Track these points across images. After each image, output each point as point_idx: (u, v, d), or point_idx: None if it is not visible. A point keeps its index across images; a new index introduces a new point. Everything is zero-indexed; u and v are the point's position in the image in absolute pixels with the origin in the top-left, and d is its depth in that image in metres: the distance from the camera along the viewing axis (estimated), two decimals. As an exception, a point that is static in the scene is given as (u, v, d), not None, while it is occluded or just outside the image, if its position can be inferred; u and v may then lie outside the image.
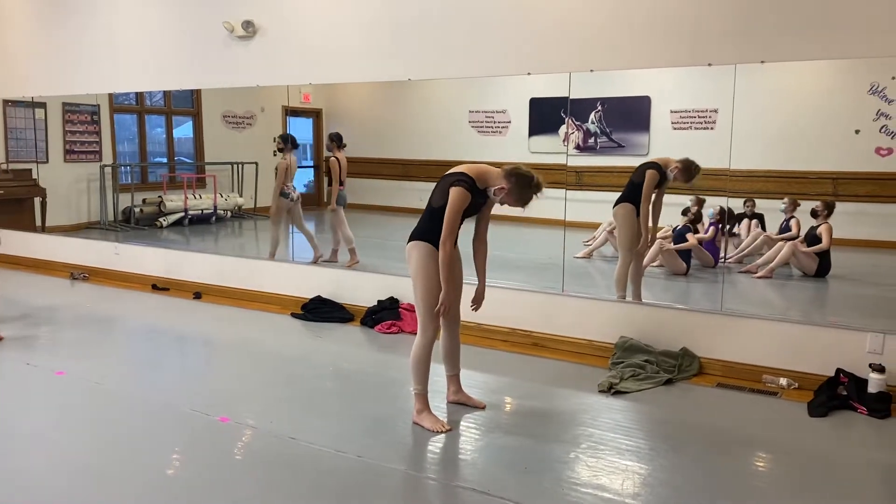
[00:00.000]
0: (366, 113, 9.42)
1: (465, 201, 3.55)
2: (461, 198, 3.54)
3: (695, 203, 6.48)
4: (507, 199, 3.63)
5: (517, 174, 3.57)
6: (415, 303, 3.79)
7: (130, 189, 9.04)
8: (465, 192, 3.54)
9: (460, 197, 3.53)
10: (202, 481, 3.16)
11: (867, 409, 4.01)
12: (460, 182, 3.56)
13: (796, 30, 4.29)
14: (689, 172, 5.23)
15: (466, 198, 3.55)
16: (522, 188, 3.58)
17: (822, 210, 5.80)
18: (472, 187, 3.57)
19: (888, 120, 5.17)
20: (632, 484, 3.18)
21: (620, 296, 5.26)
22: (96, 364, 4.80)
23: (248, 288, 6.78)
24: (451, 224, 3.57)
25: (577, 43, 4.99)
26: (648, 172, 5.21)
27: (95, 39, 7.49)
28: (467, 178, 3.58)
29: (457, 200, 3.53)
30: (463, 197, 3.53)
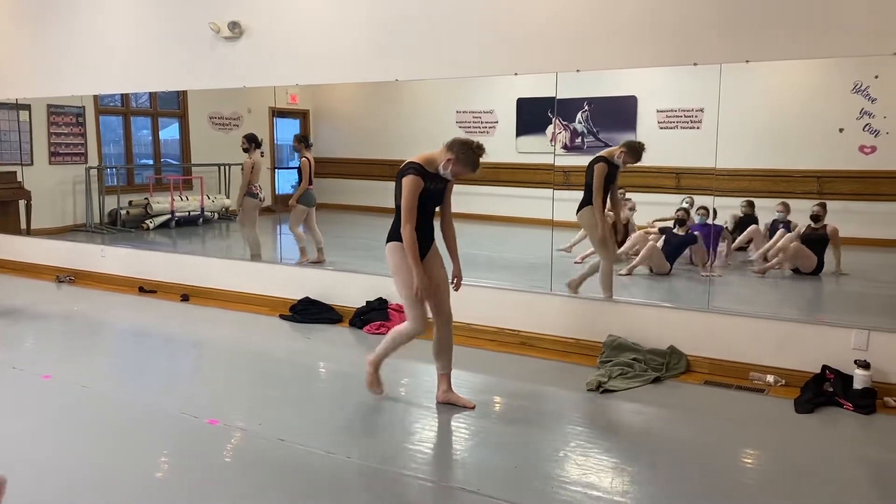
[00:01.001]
0: (353, 114, 9.41)
1: (416, 186, 3.73)
2: (412, 183, 3.72)
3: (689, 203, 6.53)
4: (457, 169, 3.79)
5: (458, 142, 3.78)
6: (400, 297, 3.97)
7: (116, 191, 8.98)
8: (414, 177, 3.72)
9: (411, 182, 3.72)
10: (191, 484, 3.15)
11: (853, 405, 4.04)
12: (409, 170, 3.75)
13: (781, 29, 4.33)
14: (635, 152, 5.30)
15: (418, 182, 3.73)
16: (466, 152, 3.75)
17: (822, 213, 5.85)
18: (422, 172, 3.76)
19: (871, 118, 5.22)
20: (621, 482, 3.20)
21: (608, 296, 5.28)
22: (83, 368, 4.77)
23: (235, 290, 6.75)
24: (407, 209, 3.74)
25: (563, 43, 5.01)
26: (597, 166, 5.28)
27: (80, 41, 7.45)
28: (415, 164, 3.78)
29: (408, 186, 3.72)
30: (414, 182, 3.72)
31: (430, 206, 3.91)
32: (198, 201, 9.48)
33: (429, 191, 3.81)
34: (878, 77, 5.04)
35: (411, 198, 3.73)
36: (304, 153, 7.27)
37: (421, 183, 3.74)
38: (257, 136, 7.37)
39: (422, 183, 3.74)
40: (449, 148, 3.78)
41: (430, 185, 3.81)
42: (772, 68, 4.87)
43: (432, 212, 3.96)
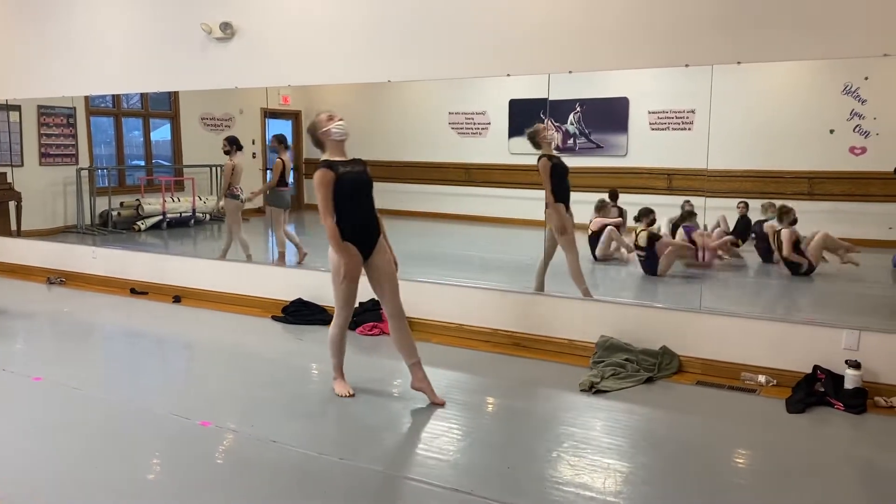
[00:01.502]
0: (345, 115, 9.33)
1: (324, 178, 3.90)
2: (319, 176, 3.91)
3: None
4: (326, 133, 4.05)
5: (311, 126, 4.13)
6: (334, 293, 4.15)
7: (108, 192, 8.94)
8: (321, 171, 3.92)
9: (318, 177, 3.91)
10: (183, 486, 3.14)
11: (844, 405, 4.06)
12: (317, 168, 3.96)
13: (772, 31, 4.35)
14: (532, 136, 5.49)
15: (325, 174, 3.90)
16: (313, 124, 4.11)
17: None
18: (329, 163, 3.95)
19: (862, 120, 5.25)
20: (613, 482, 3.20)
21: (583, 290, 5.31)
22: (74, 369, 4.75)
23: (227, 291, 6.73)
24: (321, 204, 3.93)
25: (555, 44, 5.02)
26: (540, 164, 5.43)
27: (72, 41, 7.41)
28: (321, 161, 4.01)
29: (317, 182, 3.92)
30: (321, 175, 3.90)
31: (358, 193, 4.03)
32: (189, 202, 9.45)
33: (346, 175, 3.95)
34: (868, 79, 5.07)
35: (320, 189, 3.91)
36: (281, 154, 7.31)
37: (329, 173, 3.90)
38: (238, 139, 7.48)
39: (329, 172, 3.90)
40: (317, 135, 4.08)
41: (344, 168, 3.97)
42: (763, 70, 4.89)
43: (364, 201, 4.07)
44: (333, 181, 3.89)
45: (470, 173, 8.36)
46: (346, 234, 3.94)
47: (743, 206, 6.40)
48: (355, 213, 3.98)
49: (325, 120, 4.07)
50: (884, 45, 4.07)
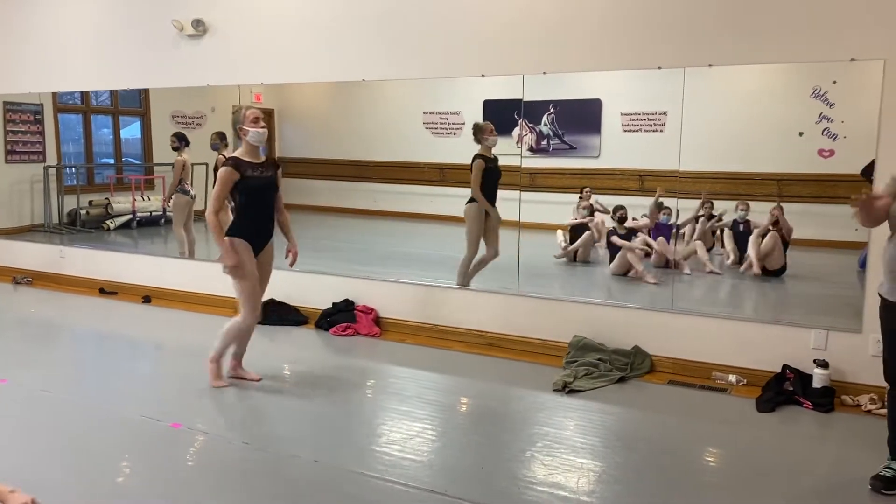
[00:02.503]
0: (319, 113, 9.34)
1: (227, 176, 4.04)
2: (223, 174, 4.06)
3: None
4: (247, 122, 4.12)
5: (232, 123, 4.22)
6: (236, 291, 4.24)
7: (76, 191, 8.78)
8: (227, 169, 4.05)
9: (223, 174, 4.06)
10: (154, 489, 3.09)
11: (812, 404, 4.13)
12: (225, 164, 4.10)
13: (743, 35, 4.40)
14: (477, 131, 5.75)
15: (230, 173, 4.04)
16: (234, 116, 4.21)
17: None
18: (236, 163, 4.08)
19: (830, 123, 5.33)
20: (586, 481, 3.22)
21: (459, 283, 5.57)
22: (42, 371, 4.66)
23: (198, 291, 6.66)
24: (213, 198, 4.12)
25: (530, 45, 5.03)
26: (474, 164, 5.68)
27: (38, 36, 7.28)
28: (231, 157, 4.14)
29: (220, 178, 4.06)
30: (225, 173, 4.05)
31: (263, 196, 4.20)
32: (160, 201, 9.32)
33: (253, 179, 4.10)
34: (836, 82, 5.14)
35: (219, 187, 4.07)
36: (223, 151, 7.28)
37: (234, 174, 4.04)
38: (186, 135, 7.56)
39: (235, 174, 4.04)
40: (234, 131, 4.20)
41: (253, 172, 4.10)
42: (734, 72, 4.95)
43: (267, 203, 4.24)
44: (235, 182, 4.07)
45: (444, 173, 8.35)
46: (243, 230, 4.16)
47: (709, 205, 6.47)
48: (253, 214, 4.19)
49: (249, 118, 4.14)
50: (851, 50, 4.14)
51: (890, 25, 4.05)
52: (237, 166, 4.07)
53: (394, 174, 8.68)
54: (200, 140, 9.30)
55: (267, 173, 4.21)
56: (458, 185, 8.30)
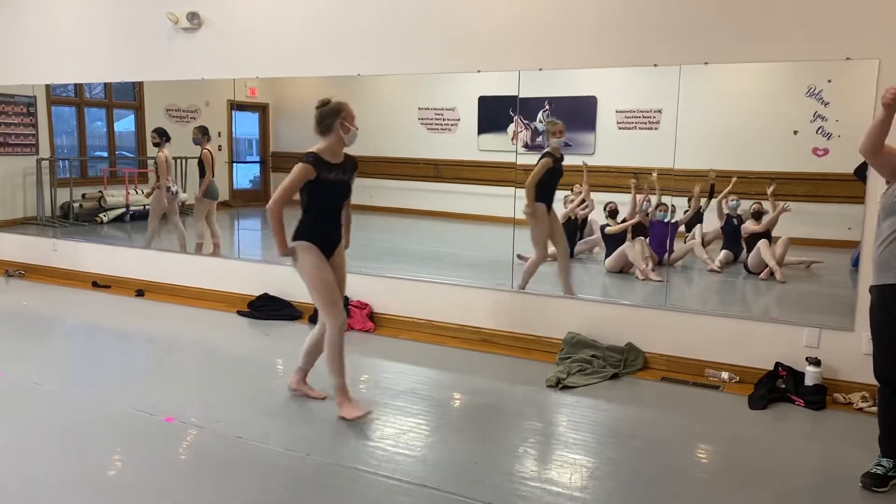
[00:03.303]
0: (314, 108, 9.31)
1: (303, 173, 3.66)
2: (299, 170, 3.67)
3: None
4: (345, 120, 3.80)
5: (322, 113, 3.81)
6: (313, 299, 3.85)
7: (69, 183, 8.75)
8: (305, 166, 3.66)
9: (299, 170, 3.67)
10: (146, 482, 3.09)
11: (804, 402, 4.15)
12: (303, 159, 3.69)
13: (739, 33, 4.41)
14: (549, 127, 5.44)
15: (307, 171, 3.66)
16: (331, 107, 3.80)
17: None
18: (317, 161, 3.70)
19: (824, 122, 5.35)
20: (579, 477, 3.23)
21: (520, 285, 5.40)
22: (34, 364, 4.65)
23: (192, 285, 6.65)
24: (280, 190, 3.68)
25: (526, 42, 5.03)
26: (541, 161, 5.37)
27: (32, 28, 7.24)
28: (311, 154, 3.71)
29: (295, 173, 3.67)
30: (302, 170, 3.66)
31: (335, 198, 3.86)
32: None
33: (328, 181, 3.75)
34: (831, 81, 5.16)
35: (291, 181, 3.67)
36: (205, 145, 7.29)
37: (311, 172, 3.67)
38: (167, 131, 7.47)
39: (313, 172, 3.67)
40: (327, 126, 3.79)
41: (329, 174, 3.75)
42: (729, 71, 4.96)
43: (337, 206, 3.90)
44: (310, 181, 3.69)
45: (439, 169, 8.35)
46: (310, 231, 3.81)
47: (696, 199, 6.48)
48: (317, 216, 3.82)
49: (351, 116, 3.84)
50: (846, 49, 4.15)
51: (884, 25, 4.06)
52: (317, 165, 3.69)
53: (389, 170, 8.67)
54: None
55: (344, 176, 3.86)
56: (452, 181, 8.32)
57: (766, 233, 6.05)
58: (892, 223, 3.06)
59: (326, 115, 3.79)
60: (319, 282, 3.76)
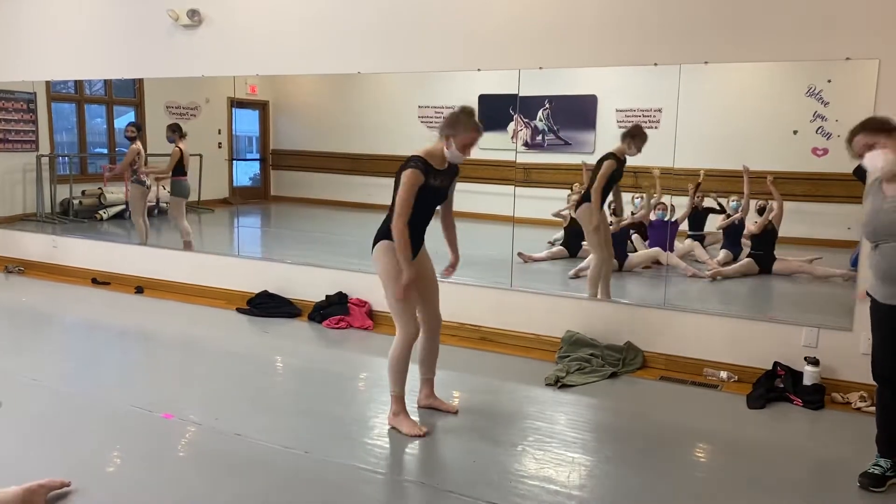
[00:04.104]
0: (314, 106, 9.33)
1: (416, 180, 3.48)
2: (412, 177, 3.48)
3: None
4: (460, 143, 3.55)
5: (448, 119, 3.58)
6: (387, 304, 3.70)
7: (69, 180, 8.75)
8: (415, 172, 3.48)
9: (411, 177, 3.48)
10: (144, 479, 3.09)
11: (802, 401, 4.15)
12: (411, 163, 3.51)
13: (739, 32, 4.41)
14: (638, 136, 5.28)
15: (418, 177, 3.48)
16: (461, 123, 3.55)
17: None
18: (425, 167, 3.51)
19: (824, 121, 5.35)
20: (578, 475, 3.23)
21: (591, 294, 5.31)
22: (32, 360, 4.65)
23: (191, 282, 6.65)
24: (402, 204, 3.48)
25: (526, 40, 5.03)
26: (606, 163, 5.25)
27: (32, 24, 7.24)
28: (419, 158, 3.53)
29: (407, 180, 3.47)
30: (414, 176, 3.48)
31: (431, 204, 3.66)
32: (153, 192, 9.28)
33: (431, 188, 3.56)
34: (831, 81, 5.16)
35: (408, 192, 3.47)
36: (179, 143, 7.31)
37: (421, 177, 3.48)
38: (141, 125, 7.59)
39: (422, 178, 3.48)
40: (444, 128, 3.58)
41: (434, 181, 3.56)
42: (729, 70, 4.96)
43: (431, 212, 3.71)
44: (419, 187, 3.50)
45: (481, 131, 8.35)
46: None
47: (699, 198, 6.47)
48: (419, 220, 3.62)
49: (475, 132, 3.60)
50: (846, 49, 4.15)
51: (884, 25, 4.06)
52: (426, 171, 3.52)
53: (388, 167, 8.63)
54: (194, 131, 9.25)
55: (445, 182, 3.67)
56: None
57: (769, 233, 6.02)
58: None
59: (458, 124, 3.56)
60: (396, 283, 3.57)
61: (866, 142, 2.99)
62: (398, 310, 3.62)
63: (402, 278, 3.52)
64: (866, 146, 2.98)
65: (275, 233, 8.43)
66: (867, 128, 3.01)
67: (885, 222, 2.99)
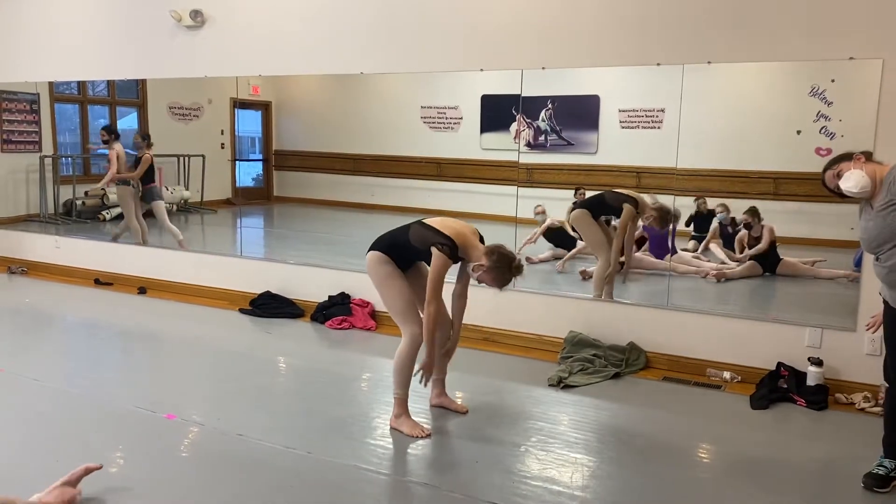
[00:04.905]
0: (316, 106, 9.33)
1: (447, 267, 3.55)
2: (444, 264, 3.53)
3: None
4: (484, 277, 3.58)
5: (499, 253, 3.54)
6: (389, 311, 3.73)
7: (72, 181, 8.77)
8: (447, 259, 3.53)
9: (443, 263, 3.52)
10: (147, 479, 3.09)
11: (806, 402, 4.14)
12: (444, 247, 3.53)
13: (742, 32, 4.41)
14: (664, 221, 5.45)
15: (448, 264, 3.55)
16: (502, 270, 3.53)
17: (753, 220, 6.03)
18: (453, 253, 3.56)
19: (828, 121, 5.33)
20: (580, 476, 3.23)
21: (597, 295, 5.32)
22: (35, 361, 4.65)
23: (194, 283, 6.65)
24: (434, 287, 3.53)
25: (529, 40, 5.03)
26: (626, 207, 5.36)
27: (36, 25, 7.25)
28: (451, 243, 3.55)
29: (440, 266, 3.52)
30: (445, 263, 3.53)
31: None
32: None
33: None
34: (834, 81, 5.14)
35: (439, 277, 3.52)
36: (146, 151, 7.43)
37: (449, 263, 3.56)
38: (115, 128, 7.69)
39: (450, 263, 3.56)
40: (488, 254, 3.55)
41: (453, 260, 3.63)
42: (732, 70, 4.95)
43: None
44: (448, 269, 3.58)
45: (441, 168, 8.34)
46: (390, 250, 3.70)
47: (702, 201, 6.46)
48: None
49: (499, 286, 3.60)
50: (850, 49, 4.15)
51: (888, 25, 4.05)
52: (453, 256, 3.58)
53: (391, 168, 8.67)
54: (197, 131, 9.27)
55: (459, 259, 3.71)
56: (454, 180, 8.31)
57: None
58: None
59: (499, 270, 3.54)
60: (391, 289, 3.65)
61: (833, 173, 3.17)
62: (400, 314, 3.65)
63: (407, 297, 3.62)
64: (835, 176, 3.15)
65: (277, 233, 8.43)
66: (828, 166, 3.22)
67: (874, 234, 3.05)
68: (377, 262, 3.70)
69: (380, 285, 3.70)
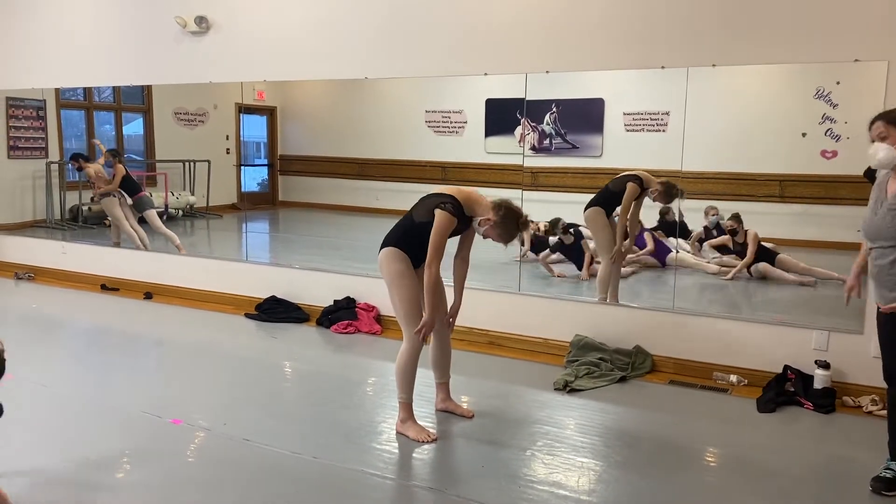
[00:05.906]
0: (321, 111, 9.36)
1: (451, 225, 3.49)
2: (447, 222, 3.48)
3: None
4: (490, 232, 3.57)
5: (506, 208, 3.52)
6: (394, 311, 3.70)
7: (78, 187, 8.80)
8: (451, 216, 3.48)
9: (446, 221, 3.47)
10: (153, 484, 3.09)
11: (813, 405, 4.12)
12: (447, 205, 3.49)
13: (746, 35, 4.40)
14: (668, 195, 5.41)
15: (452, 222, 3.49)
16: (509, 223, 3.52)
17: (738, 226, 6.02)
18: (458, 211, 3.52)
19: (833, 124, 5.33)
20: (587, 480, 3.22)
21: (602, 297, 5.31)
22: (42, 366, 4.67)
23: (200, 288, 6.66)
24: (436, 247, 3.48)
25: (533, 44, 5.03)
26: (629, 185, 5.27)
27: (42, 32, 7.29)
28: (455, 201, 3.53)
29: (443, 224, 3.47)
30: (449, 221, 3.48)
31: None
32: (162, 198, 9.34)
33: (455, 229, 3.57)
34: (839, 83, 5.14)
35: (441, 235, 3.47)
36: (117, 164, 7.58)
37: (455, 222, 3.50)
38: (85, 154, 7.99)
39: (455, 223, 3.50)
40: (495, 209, 3.52)
41: (460, 224, 3.57)
42: (737, 73, 4.95)
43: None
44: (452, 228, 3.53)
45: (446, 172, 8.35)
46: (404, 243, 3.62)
47: (714, 210, 6.44)
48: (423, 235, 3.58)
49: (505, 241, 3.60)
50: (855, 51, 4.14)
51: (894, 27, 4.04)
52: (459, 216, 3.53)
53: (396, 172, 8.69)
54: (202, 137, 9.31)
55: (465, 226, 3.66)
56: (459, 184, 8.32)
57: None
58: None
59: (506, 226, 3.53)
60: (401, 288, 3.59)
61: (881, 132, 3.01)
62: (404, 315, 3.62)
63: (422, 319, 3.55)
64: (879, 136, 3.01)
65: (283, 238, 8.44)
66: (887, 118, 3.02)
67: (875, 228, 3.02)
68: (391, 259, 3.62)
69: (390, 283, 3.63)
